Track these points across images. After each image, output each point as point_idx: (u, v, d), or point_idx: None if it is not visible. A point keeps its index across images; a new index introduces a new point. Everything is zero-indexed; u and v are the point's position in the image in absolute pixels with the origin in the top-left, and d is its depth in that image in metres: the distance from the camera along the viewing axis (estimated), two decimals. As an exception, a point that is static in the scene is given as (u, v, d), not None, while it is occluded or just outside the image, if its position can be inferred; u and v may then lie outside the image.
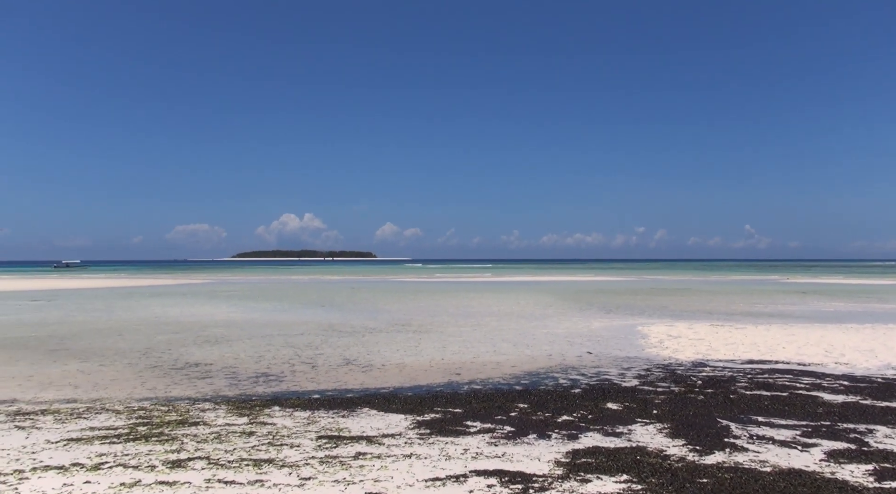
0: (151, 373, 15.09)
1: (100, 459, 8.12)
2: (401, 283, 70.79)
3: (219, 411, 11.13)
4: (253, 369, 15.71)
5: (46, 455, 8.38)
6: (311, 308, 35.01)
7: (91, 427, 9.95)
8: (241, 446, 8.77)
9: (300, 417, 10.62)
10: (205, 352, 18.33)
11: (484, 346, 19.50)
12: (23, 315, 30.86)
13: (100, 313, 31.77)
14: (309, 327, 24.96)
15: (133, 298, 44.18)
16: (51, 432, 9.64)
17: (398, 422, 10.24)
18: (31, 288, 58.62)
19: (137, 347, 19.36)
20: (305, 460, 8.07)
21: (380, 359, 17.09)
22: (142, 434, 9.43)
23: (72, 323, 26.89)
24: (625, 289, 55.02)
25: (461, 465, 7.87)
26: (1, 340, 21.05)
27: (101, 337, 21.92)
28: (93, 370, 15.52)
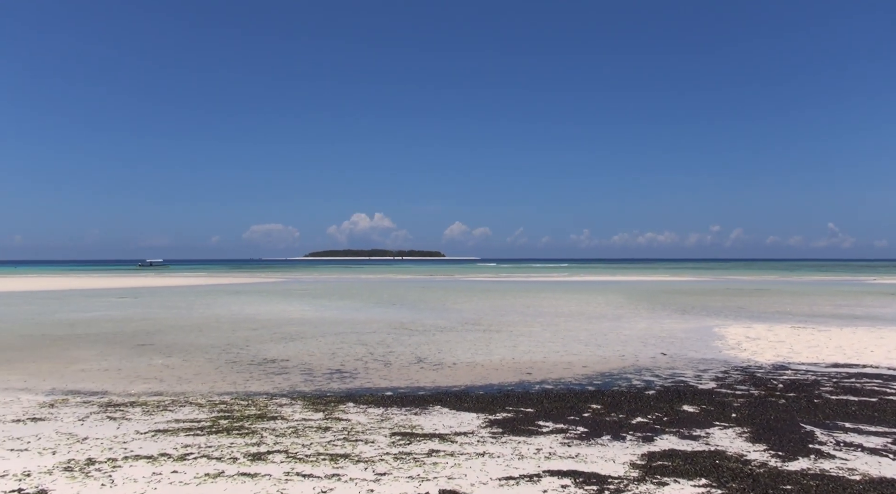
0: (231, 369, 15.61)
1: (185, 450, 8.46)
2: (470, 282, 70.93)
3: (295, 406, 11.42)
4: (327, 366, 16.05)
5: (136, 444, 8.78)
6: (383, 306, 35.48)
7: (176, 419, 10.37)
8: (318, 441, 8.98)
9: (374, 414, 10.79)
10: (281, 349, 18.84)
11: (555, 346, 19.35)
12: (111, 311, 32.41)
13: (181, 310, 33.06)
14: (381, 325, 25.31)
15: (212, 296, 45.78)
16: (140, 423, 10.09)
17: (470, 421, 10.28)
18: (118, 286, 61.49)
19: (217, 343, 20.06)
20: (380, 456, 8.20)
21: (451, 358, 17.18)
22: (223, 427, 9.77)
23: (156, 319, 28.08)
24: (699, 290, 53.56)
25: (534, 465, 7.85)
26: (92, 335, 22.17)
27: (183, 333, 22.81)
28: (176, 364, 16.17)
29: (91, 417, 10.50)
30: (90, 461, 7.94)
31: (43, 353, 18.01)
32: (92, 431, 9.54)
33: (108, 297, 44.43)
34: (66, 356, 17.50)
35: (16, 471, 7.50)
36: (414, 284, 66.45)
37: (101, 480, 7.19)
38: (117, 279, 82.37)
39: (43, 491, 6.78)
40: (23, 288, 57.46)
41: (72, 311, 32.42)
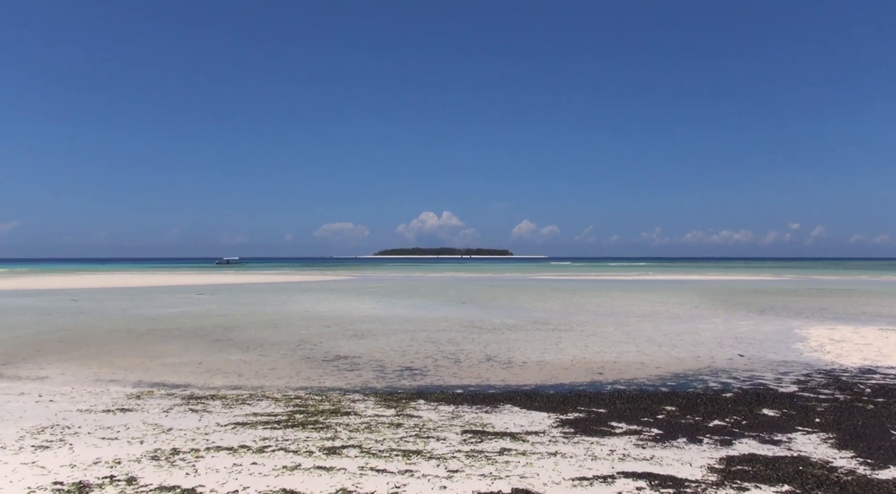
0: (305, 364, 15.99)
1: (264, 443, 8.72)
2: (539, 281, 70.45)
3: (368, 402, 11.61)
4: (398, 363, 16.24)
5: (217, 436, 9.10)
6: (452, 304, 35.63)
7: (254, 412, 10.69)
8: (390, 436, 9.10)
9: (445, 411, 10.86)
10: (353, 346, 19.16)
11: (627, 346, 19.02)
12: (191, 307, 33.66)
13: (257, 307, 34.04)
14: (450, 323, 25.43)
15: (285, 293, 46.95)
16: (220, 415, 10.46)
17: (541, 420, 10.22)
18: (197, 283, 63.79)
19: (292, 339, 20.57)
20: (452, 453, 8.25)
21: (520, 356, 17.11)
22: (299, 421, 10.02)
23: (233, 315, 29.01)
24: (779, 289, 51.66)
25: (608, 466, 7.74)
26: (174, 330, 23.08)
27: (259, 329, 23.49)
28: (253, 359, 16.67)
29: (175, 409, 10.94)
30: (175, 451, 8.28)
31: (129, 347, 18.86)
32: (176, 422, 9.94)
33: (187, 294, 46.14)
34: (151, 350, 18.28)
35: (107, 459, 7.89)
36: (482, 283, 66.46)
37: (186, 470, 7.48)
38: (196, 276, 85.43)
39: (132, 479, 7.11)
40: (109, 285, 60.29)
41: (155, 307, 33.83)
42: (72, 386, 13.12)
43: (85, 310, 31.97)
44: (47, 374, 14.57)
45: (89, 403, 11.43)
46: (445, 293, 47.42)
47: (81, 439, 8.89)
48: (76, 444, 8.61)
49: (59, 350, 18.29)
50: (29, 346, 19.02)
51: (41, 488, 6.80)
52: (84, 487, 6.82)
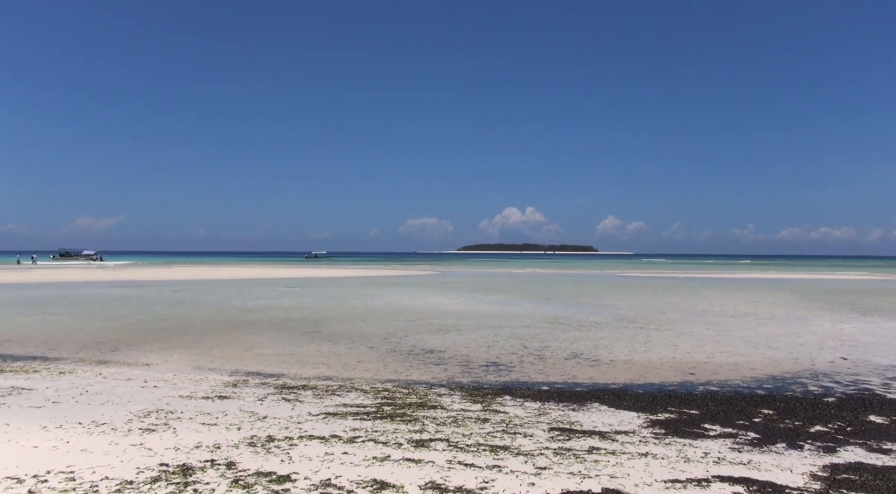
0: (392, 357, 16.24)
1: (354, 433, 8.91)
2: (625, 278, 69.04)
3: (454, 396, 11.68)
4: (483, 358, 16.27)
5: (309, 425, 9.37)
6: (536, 301, 35.40)
7: (344, 403, 10.95)
8: (477, 431, 9.12)
9: (531, 407, 10.80)
10: (438, 340, 19.33)
11: (719, 346, 18.38)
12: (282, 300, 34.78)
13: (344, 300, 34.82)
14: (534, 319, 25.27)
15: (371, 287, 47.83)
16: (311, 405, 10.76)
17: (630, 420, 10.01)
18: (287, 276, 65.85)
19: (378, 332, 20.94)
20: (539, 450, 8.19)
21: (607, 354, 16.82)
22: (387, 413, 10.19)
23: (321, 308, 29.78)
24: (885, 289, 48.72)
25: (702, 469, 7.50)
26: (266, 322, 23.91)
27: (346, 321, 24.03)
28: (341, 352, 17.06)
29: (269, 398, 11.34)
30: (270, 438, 8.57)
31: (225, 337, 19.67)
32: (270, 411, 10.29)
33: (278, 287, 47.69)
34: (245, 340, 19.00)
35: (208, 443, 8.25)
36: (567, 279, 65.70)
37: (281, 457, 7.74)
38: (286, 269, 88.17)
39: (231, 463, 7.41)
40: (206, 277, 63.07)
41: (248, 299, 35.14)
42: (173, 373, 13.80)
43: (184, 301, 33.56)
44: (151, 361, 15.38)
45: (190, 390, 11.98)
46: (529, 289, 47.15)
47: (184, 424, 9.33)
48: (179, 428, 9.05)
49: (161, 338, 19.28)
50: (134, 334, 20.14)
51: (148, 468, 7.18)
52: (187, 469, 7.15)
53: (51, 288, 45.47)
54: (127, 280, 57.69)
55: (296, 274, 71.33)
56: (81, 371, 13.93)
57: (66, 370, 14.00)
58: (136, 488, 6.53)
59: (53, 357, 15.98)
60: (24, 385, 12.14)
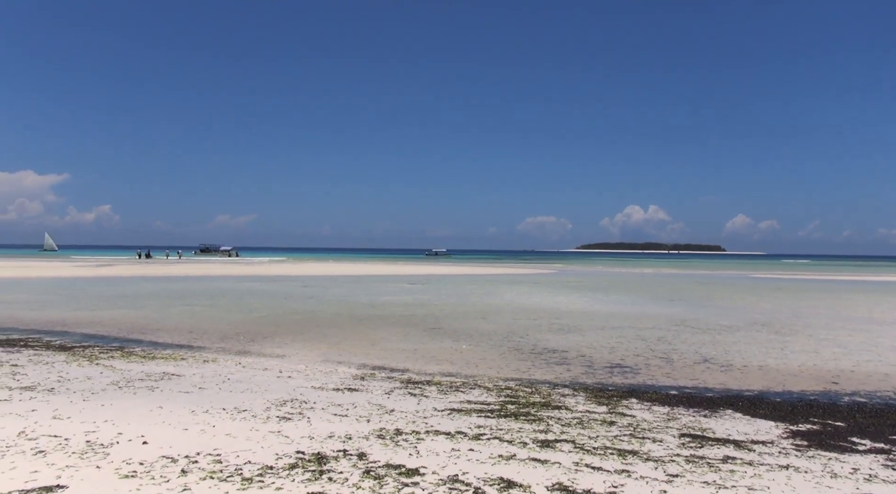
0: (513, 356, 16.24)
1: (479, 430, 8.98)
2: (757, 279, 65.53)
3: (578, 397, 11.52)
4: (607, 359, 15.94)
5: (435, 420, 9.53)
6: (660, 301, 34.28)
7: (468, 400, 11.06)
8: (604, 434, 8.95)
9: (659, 412, 10.48)
10: (560, 339, 19.13)
11: (866, 354, 17.06)
12: (404, 296, 35.60)
13: (465, 297, 35.17)
14: (659, 321, 24.48)
15: (491, 285, 48.00)
16: (436, 401, 10.94)
17: (768, 429, 9.49)
18: (408, 273, 67.31)
19: (499, 330, 20.99)
20: (670, 456, 7.93)
21: (740, 359, 16.03)
22: (511, 411, 10.19)
23: (443, 305, 30.22)
24: None
25: (851, 486, 7.00)
26: (390, 317, 24.56)
27: (468, 319, 24.25)
28: (464, 349, 17.24)
29: (395, 391, 11.64)
30: (398, 431, 8.79)
31: (352, 331, 20.39)
32: (397, 404, 10.56)
33: (400, 283, 48.85)
34: (371, 335, 19.60)
35: (340, 434, 8.58)
36: (692, 279, 63.18)
37: (409, 450, 7.91)
38: (406, 266, 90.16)
39: (363, 454, 7.66)
40: (332, 273, 65.61)
41: (372, 295, 36.23)
42: (305, 365, 14.46)
43: (313, 296, 35.08)
44: (285, 353, 16.19)
45: (321, 381, 12.51)
46: (653, 289, 45.71)
47: (317, 414, 9.75)
48: (313, 418, 9.46)
49: (293, 330, 20.25)
50: (269, 326, 21.27)
51: (286, 455, 7.55)
52: (322, 458, 7.46)
53: (193, 281, 48.85)
54: (260, 274, 61.00)
55: (416, 272, 72.79)
56: (223, 360, 14.87)
57: (210, 358, 14.99)
58: (276, 473, 6.88)
59: (198, 346, 17.16)
60: (174, 371, 13.10)
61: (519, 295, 37.31)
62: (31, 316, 23.59)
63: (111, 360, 14.18)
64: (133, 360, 14.30)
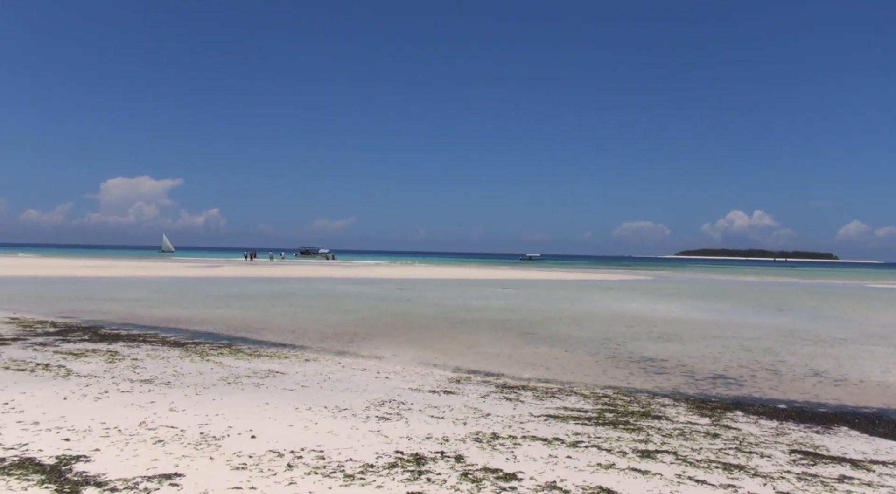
0: (610, 363, 15.94)
1: (576, 438, 8.87)
2: (874, 290, 61.53)
3: (679, 408, 11.19)
4: (709, 369, 15.40)
5: (531, 426, 9.49)
6: (765, 311, 32.76)
7: (564, 407, 10.94)
8: (707, 446, 8.65)
9: (767, 426, 10.03)
10: (658, 348, 18.62)
11: None
12: (498, 301, 35.60)
13: (559, 303, 34.79)
14: (765, 331, 23.41)
15: (585, 291, 47.29)
16: (532, 406, 10.89)
17: (889, 449, 8.91)
18: (502, 278, 67.23)
19: (595, 337, 20.65)
20: (780, 473, 7.57)
21: (856, 374, 15.11)
22: (609, 420, 10.01)
23: (537, 310, 30.02)
24: None
25: None
26: (485, 321, 24.62)
27: (563, 325, 23.99)
28: (559, 355, 17.07)
29: (491, 396, 11.66)
30: (494, 435, 8.81)
31: (447, 334, 20.57)
32: (493, 408, 10.58)
33: (493, 287, 48.87)
34: (465, 338, 19.72)
35: (437, 435, 8.68)
36: (801, 288, 60.03)
37: (506, 455, 7.92)
38: (500, 271, 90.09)
39: (460, 457, 7.73)
40: (426, 276, 66.41)
41: (466, 299, 36.41)
42: (402, 366, 14.71)
43: (408, 298, 35.62)
44: (382, 354, 16.53)
45: (417, 383, 12.69)
46: (758, 298, 43.75)
47: (414, 415, 9.90)
48: (410, 419, 9.62)
49: (390, 332, 20.64)
50: (366, 328, 21.77)
51: (386, 455, 7.71)
52: (420, 459, 7.58)
53: (293, 282, 50.61)
54: (356, 277, 62.49)
55: (510, 276, 72.64)
56: (323, 359, 15.34)
57: (311, 357, 15.50)
58: (377, 471, 7.04)
59: (300, 345, 17.77)
60: (278, 369, 13.63)
61: (614, 302, 36.57)
62: (148, 314, 25.10)
63: (220, 357, 14.90)
64: (240, 357, 14.97)
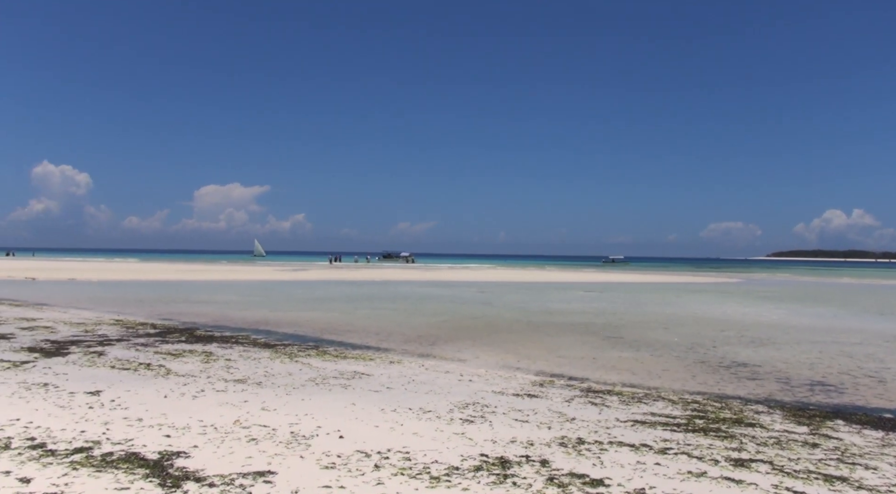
0: (699, 368, 15.46)
1: (664, 444, 8.65)
2: None
3: (774, 415, 10.74)
4: (806, 376, 14.71)
5: (618, 431, 9.31)
6: (868, 315, 31.05)
7: (651, 412, 10.69)
8: (806, 457, 8.27)
9: (871, 436, 9.49)
10: (750, 353, 17.93)
11: None
12: (581, 304, 35.13)
13: (643, 306, 34.02)
14: (867, 336, 22.17)
15: (671, 293, 46.06)
16: (618, 411, 10.69)
17: None
18: (584, 281, 66.33)
19: (683, 341, 20.08)
20: (887, 486, 7.15)
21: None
22: (699, 426, 9.71)
23: (621, 313, 29.45)
24: None
25: None
26: (567, 325, 24.35)
27: (648, 328, 23.44)
28: (644, 359, 16.69)
29: (575, 400, 11.52)
30: (580, 440, 8.70)
31: (529, 337, 20.46)
32: (577, 413, 10.45)
33: (575, 290, 48.26)
34: (548, 342, 19.56)
35: (522, 439, 8.65)
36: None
37: (592, 460, 7.80)
38: (582, 274, 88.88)
39: (545, 461, 7.67)
40: (506, 279, 66.27)
41: (547, 302, 36.12)
42: (485, 369, 14.72)
43: (489, 301, 35.63)
44: (465, 357, 16.59)
45: (501, 386, 12.67)
46: (858, 301, 41.49)
47: (498, 418, 9.89)
48: (494, 422, 9.61)
49: (471, 335, 20.71)
50: (449, 330, 21.91)
51: (470, 457, 7.74)
52: (505, 462, 7.57)
53: (376, 285, 51.50)
54: (437, 280, 62.99)
55: (593, 279, 71.57)
56: (407, 361, 15.53)
57: (395, 360, 15.72)
58: (462, 474, 7.07)
59: (384, 347, 18.06)
60: (364, 370, 13.89)
61: (702, 305, 35.46)
62: (240, 316, 26.07)
63: (308, 358, 15.31)
64: (327, 359, 15.34)
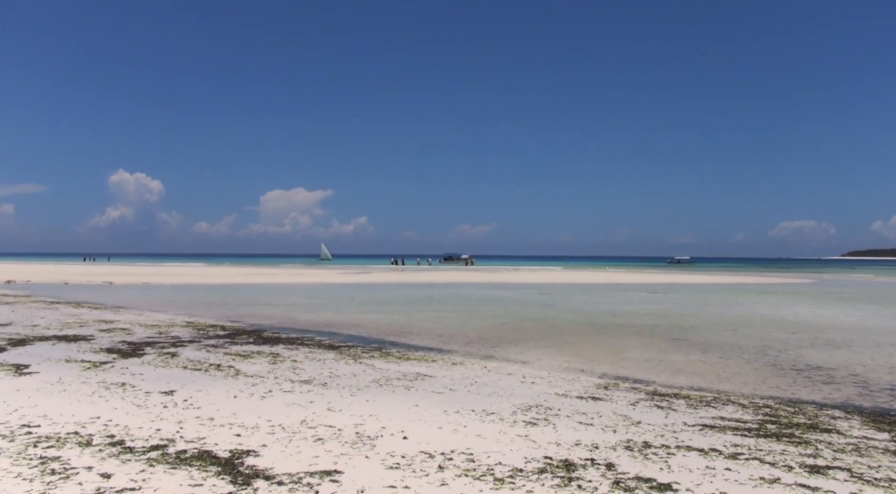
0: (770, 371, 14.98)
1: (735, 449, 8.42)
2: None
3: (852, 421, 10.32)
4: (886, 380, 14.08)
5: (685, 436, 9.11)
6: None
7: (720, 416, 10.41)
8: (887, 464, 7.92)
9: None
10: (825, 356, 17.27)
11: None
12: (645, 305, 34.49)
13: (711, 307, 33.16)
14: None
15: (739, 294, 44.76)
16: (685, 415, 10.45)
17: None
18: (649, 282, 65.09)
19: (752, 344, 19.49)
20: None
21: None
22: (771, 432, 9.41)
23: (687, 315, 28.78)
24: None
25: None
26: (632, 327, 23.94)
27: (716, 330, 22.84)
28: (713, 361, 16.27)
29: (640, 403, 11.32)
30: (646, 444, 8.55)
31: (592, 340, 20.20)
32: (643, 416, 10.26)
33: (640, 292, 47.40)
34: (612, 344, 19.27)
35: (586, 442, 8.55)
36: None
37: (659, 464, 7.66)
38: (646, 275, 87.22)
39: (611, 464, 7.57)
40: (568, 281, 65.61)
41: (610, 303, 35.59)
42: (547, 371, 14.61)
43: (550, 303, 35.34)
44: (527, 359, 16.51)
45: (564, 388, 12.56)
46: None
47: (562, 421, 9.81)
48: (558, 424, 9.54)
49: (534, 337, 20.58)
50: (511, 332, 21.84)
51: (534, 459, 7.70)
52: (569, 465, 7.50)
53: (437, 288, 51.74)
54: (498, 282, 62.85)
55: (657, 280, 70.18)
56: (469, 363, 15.55)
57: (457, 361, 15.76)
58: (526, 476, 7.05)
59: (446, 349, 18.13)
60: (426, 372, 13.98)
61: (773, 306, 34.33)
62: (305, 318, 26.59)
63: (371, 360, 15.50)
64: (390, 360, 15.50)
